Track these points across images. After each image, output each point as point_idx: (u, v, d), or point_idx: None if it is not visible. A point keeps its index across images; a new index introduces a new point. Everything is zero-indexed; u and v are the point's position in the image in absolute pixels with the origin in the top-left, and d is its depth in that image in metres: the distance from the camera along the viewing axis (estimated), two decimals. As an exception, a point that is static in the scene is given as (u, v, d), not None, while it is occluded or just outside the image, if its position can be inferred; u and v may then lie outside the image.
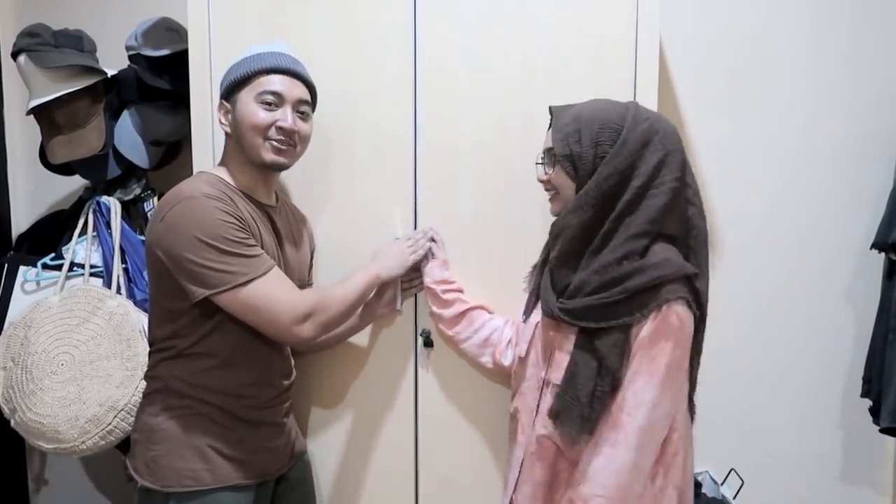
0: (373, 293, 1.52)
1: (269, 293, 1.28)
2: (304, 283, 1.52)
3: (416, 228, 1.61)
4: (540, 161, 1.36)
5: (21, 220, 2.18)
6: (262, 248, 1.34)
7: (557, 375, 1.27)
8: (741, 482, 1.89)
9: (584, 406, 1.20)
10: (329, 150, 1.61)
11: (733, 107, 1.93)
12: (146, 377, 1.41)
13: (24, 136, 2.16)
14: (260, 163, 1.37)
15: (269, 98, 1.35)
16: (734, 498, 1.88)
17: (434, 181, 1.60)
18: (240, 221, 1.29)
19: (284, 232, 1.46)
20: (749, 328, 1.96)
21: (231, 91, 1.38)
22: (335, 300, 1.38)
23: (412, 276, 1.60)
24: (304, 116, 1.42)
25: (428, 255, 1.58)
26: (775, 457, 1.99)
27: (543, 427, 1.30)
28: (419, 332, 1.63)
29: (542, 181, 1.34)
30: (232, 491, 1.35)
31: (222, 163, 1.43)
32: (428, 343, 1.62)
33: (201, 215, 1.25)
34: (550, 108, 1.34)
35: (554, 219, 1.32)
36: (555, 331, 1.31)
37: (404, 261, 1.54)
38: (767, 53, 1.91)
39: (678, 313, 1.19)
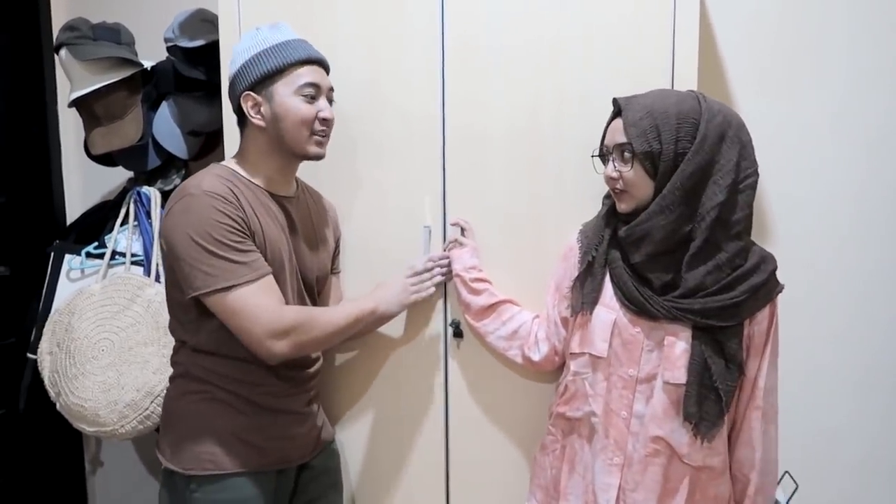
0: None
1: (249, 303, 1.25)
2: (325, 272, 1.51)
3: (445, 216, 1.57)
4: (604, 155, 1.32)
5: (74, 211, 2.25)
6: (266, 244, 1.32)
7: (675, 374, 1.26)
8: (795, 486, 1.77)
9: (722, 402, 1.25)
10: (357, 137, 1.59)
11: (789, 86, 1.79)
12: (171, 362, 1.43)
13: (77, 130, 2.22)
14: (303, 155, 1.37)
15: (311, 91, 1.35)
16: (788, 502, 1.76)
17: (463, 168, 1.56)
18: (237, 223, 1.27)
19: (302, 223, 1.45)
20: (807, 322, 1.83)
21: (261, 83, 1.34)
22: (320, 324, 1.34)
23: (441, 265, 1.55)
24: (332, 103, 1.41)
25: (457, 243, 1.55)
26: (834, 460, 1.86)
27: (659, 428, 1.28)
28: (449, 322, 1.59)
29: (611, 178, 1.28)
30: (251, 476, 1.35)
31: (240, 153, 1.41)
32: (458, 333, 1.58)
33: (197, 214, 1.25)
34: (615, 99, 1.30)
35: (580, 220, 1.37)
36: (650, 328, 1.29)
37: (405, 299, 1.49)
38: (827, 27, 1.77)
39: (778, 301, 1.30)
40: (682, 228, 1.24)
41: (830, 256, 1.82)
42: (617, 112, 1.30)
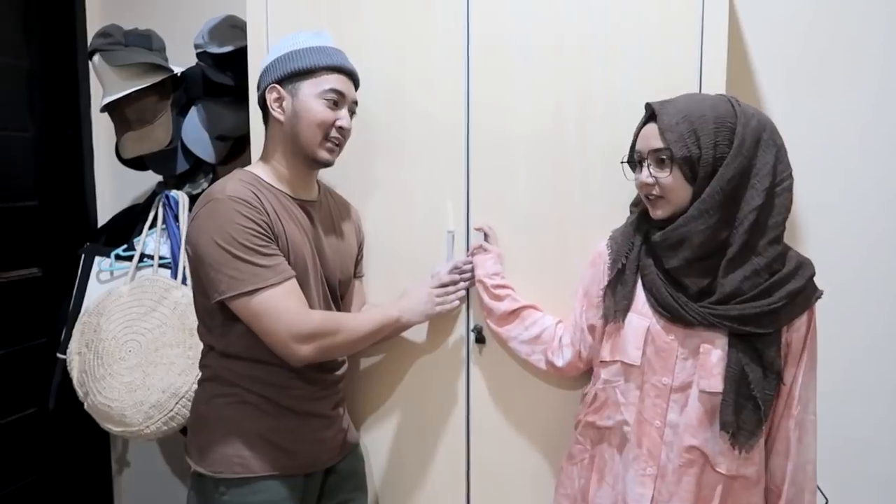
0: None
1: (273, 305, 1.26)
2: (348, 276, 1.51)
3: (468, 220, 1.56)
4: (633, 161, 1.31)
5: (105, 214, 2.28)
6: (290, 247, 1.33)
7: (711, 383, 1.24)
8: (825, 500, 1.72)
9: (760, 412, 1.22)
10: (380, 140, 1.59)
11: (820, 89, 1.75)
12: (200, 365, 1.44)
13: (109, 134, 2.26)
14: (312, 158, 1.38)
15: (335, 97, 1.36)
16: (817, 516, 1.72)
17: (487, 171, 1.55)
18: (261, 227, 1.28)
19: (324, 227, 1.45)
20: (835, 329, 1.77)
21: (289, 79, 1.36)
22: (345, 329, 1.35)
23: (464, 270, 1.55)
24: (353, 115, 1.43)
25: (481, 248, 1.54)
26: (865, 474, 1.80)
27: (693, 437, 1.26)
28: (471, 327, 1.59)
29: (647, 184, 1.26)
30: (280, 480, 1.36)
31: (263, 154, 1.43)
32: (479, 339, 1.58)
33: (221, 218, 1.26)
34: (649, 104, 1.28)
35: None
36: (685, 336, 1.26)
37: (429, 310, 1.49)
38: (858, 30, 1.73)
39: (816, 308, 1.27)
40: (721, 233, 1.22)
41: (861, 262, 1.77)
42: (649, 117, 1.28)
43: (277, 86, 1.37)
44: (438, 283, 1.52)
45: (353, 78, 1.42)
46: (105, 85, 1.83)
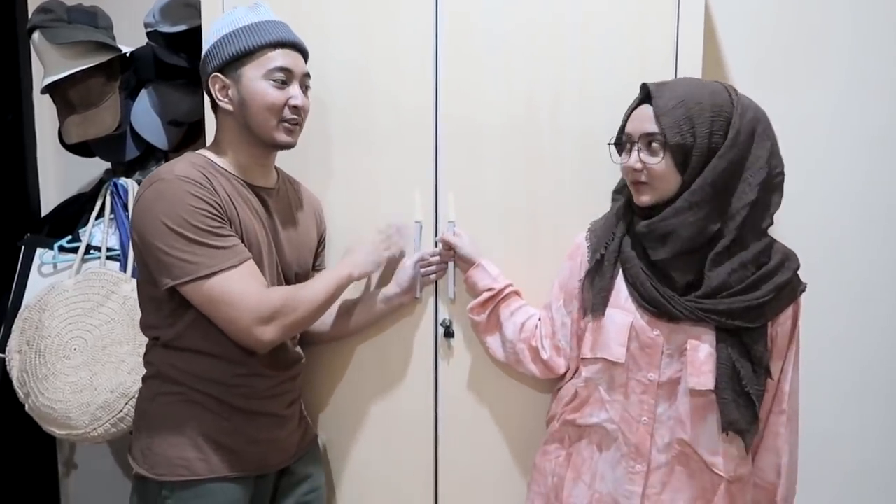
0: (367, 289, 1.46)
1: (233, 289, 1.19)
2: (305, 268, 1.44)
3: (436, 211, 1.51)
4: (622, 144, 1.26)
5: (50, 203, 2.17)
6: (243, 234, 1.26)
7: (700, 380, 1.20)
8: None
9: (755, 408, 1.20)
10: (344, 125, 1.52)
11: (789, 81, 1.74)
12: (143, 362, 1.36)
13: (53, 118, 2.13)
14: (271, 143, 1.31)
15: (281, 76, 1.28)
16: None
17: (456, 159, 1.50)
18: (214, 208, 1.21)
19: (281, 216, 1.38)
20: (804, 323, 1.78)
21: (230, 65, 1.28)
22: (303, 301, 1.28)
23: (432, 262, 1.50)
24: (307, 90, 1.34)
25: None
26: (833, 466, 1.81)
27: (682, 432, 1.22)
28: (439, 321, 1.53)
29: (634, 169, 1.21)
30: (227, 482, 1.29)
31: (215, 141, 1.35)
32: (448, 334, 1.52)
33: (170, 200, 1.18)
34: (645, 84, 1.23)
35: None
36: (670, 331, 1.22)
37: (378, 258, 1.45)
38: (827, 23, 1.73)
39: (801, 300, 1.25)
40: (710, 227, 1.18)
41: (827, 255, 1.77)
42: (644, 98, 1.23)
43: (219, 74, 1.29)
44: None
45: (299, 50, 1.33)
46: (46, 65, 1.71)
